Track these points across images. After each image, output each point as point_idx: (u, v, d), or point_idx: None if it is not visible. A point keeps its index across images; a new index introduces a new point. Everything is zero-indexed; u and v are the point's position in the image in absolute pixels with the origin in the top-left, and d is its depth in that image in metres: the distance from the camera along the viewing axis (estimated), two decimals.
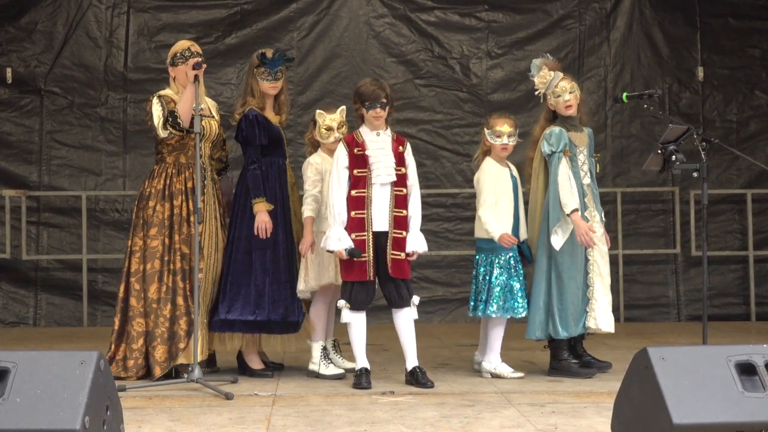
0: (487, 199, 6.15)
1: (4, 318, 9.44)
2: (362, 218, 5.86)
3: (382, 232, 5.87)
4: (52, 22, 9.67)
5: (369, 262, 5.84)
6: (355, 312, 5.89)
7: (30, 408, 3.30)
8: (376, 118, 5.92)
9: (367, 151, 5.90)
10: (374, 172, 5.88)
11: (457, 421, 4.81)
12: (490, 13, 9.97)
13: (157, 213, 6.15)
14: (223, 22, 9.79)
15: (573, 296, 6.14)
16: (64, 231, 9.61)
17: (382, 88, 5.96)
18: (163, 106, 6.11)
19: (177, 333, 6.04)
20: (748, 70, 10.02)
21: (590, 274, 6.21)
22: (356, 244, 5.81)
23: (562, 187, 6.08)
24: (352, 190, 5.88)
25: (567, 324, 6.14)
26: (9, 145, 9.58)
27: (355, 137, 5.97)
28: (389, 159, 5.91)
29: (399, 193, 5.93)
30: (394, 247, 5.88)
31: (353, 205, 5.87)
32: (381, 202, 5.89)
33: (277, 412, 5.08)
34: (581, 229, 6.02)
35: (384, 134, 5.98)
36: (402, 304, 5.91)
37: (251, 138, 6.20)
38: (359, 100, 5.96)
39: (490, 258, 6.18)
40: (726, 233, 9.93)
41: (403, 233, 5.91)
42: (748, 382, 3.57)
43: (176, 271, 6.10)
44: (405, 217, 5.94)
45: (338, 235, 5.82)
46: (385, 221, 5.88)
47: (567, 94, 6.24)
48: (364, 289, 5.88)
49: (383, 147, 5.93)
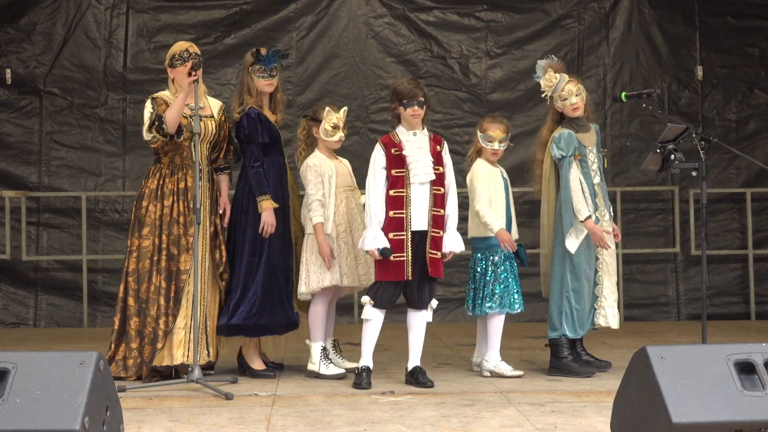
0: (482, 195, 6.18)
1: (4, 319, 9.44)
2: (401, 218, 5.85)
3: (421, 231, 5.88)
4: (51, 23, 9.67)
5: (407, 262, 5.83)
6: (377, 310, 5.90)
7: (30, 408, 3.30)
8: (413, 116, 5.90)
9: (405, 151, 5.89)
10: (412, 171, 5.87)
11: (456, 421, 4.81)
12: (489, 13, 9.97)
13: (150, 213, 6.15)
14: (222, 22, 9.79)
15: (588, 295, 6.19)
16: (64, 232, 9.61)
17: (419, 87, 5.97)
18: (154, 109, 6.11)
19: (156, 333, 6.04)
20: (747, 69, 10.02)
21: (599, 272, 6.26)
22: (393, 243, 5.80)
23: (574, 193, 6.12)
24: (391, 189, 5.87)
25: (583, 323, 6.19)
26: (8, 146, 9.58)
27: (391, 137, 5.96)
28: (427, 158, 5.91)
29: (437, 192, 5.94)
30: (432, 246, 5.88)
31: (392, 204, 5.86)
32: (420, 202, 5.88)
33: (277, 412, 5.08)
34: (597, 235, 6.08)
35: (421, 134, 5.97)
36: (421, 307, 5.93)
37: (254, 136, 6.18)
38: (396, 99, 5.95)
39: (486, 255, 6.21)
40: (725, 232, 9.93)
41: (440, 233, 5.91)
42: (748, 381, 3.57)
43: (161, 271, 6.10)
44: (443, 216, 5.95)
45: (374, 235, 5.81)
46: (424, 220, 5.88)
47: (574, 96, 6.25)
48: (391, 289, 5.88)
49: (421, 147, 5.92)
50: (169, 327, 6.01)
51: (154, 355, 6.01)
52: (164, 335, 6.02)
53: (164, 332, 6.02)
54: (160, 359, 6.01)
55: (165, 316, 6.04)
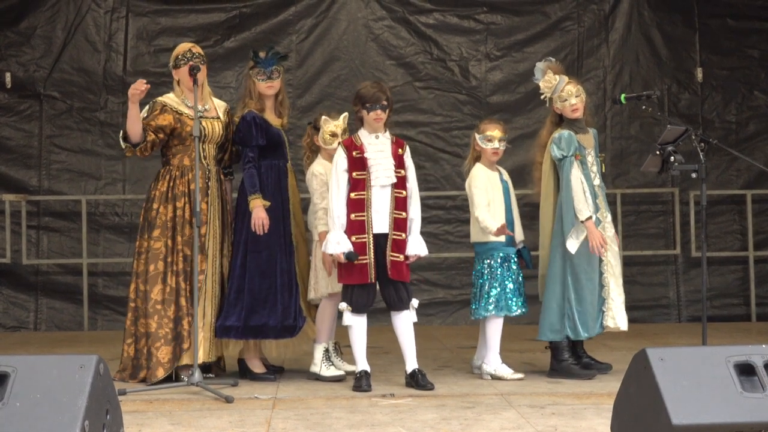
0: (480, 202, 6.18)
1: (4, 322, 9.44)
2: (362, 221, 5.86)
3: (382, 234, 5.88)
4: (51, 26, 9.67)
5: (370, 265, 5.84)
6: (357, 315, 5.90)
7: (29, 412, 3.30)
8: (376, 120, 5.92)
9: (366, 154, 5.90)
10: (373, 174, 5.88)
11: (457, 423, 4.81)
12: (488, 15, 9.97)
13: (160, 215, 6.18)
14: (222, 25, 9.79)
15: (591, 297, 6.18)
16: (64, 235, 9.61)
17: (382, 90, 5.97)
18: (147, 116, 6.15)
19: (181, 334, 6.06)
20: (746, 71, 10.02)
21: (605, 275, 6.25)
22: (356, 246, 5.82)
23: (576, 193, 6.11)
24: (352, 192, 5.89)
25: (587, 325, 6.17)
26: (8, 150, 9.59)
27: (353, 140, 5.97)
28: (388, 161, 5.92)
29: (399, 195, 5.94)
30: (393, 249, 5.88)
31: (353, 207, 5.87)
32: (381, 205, 5.89)
33: (277, 415, 5.08)
34: (595, 238, 6.06)
35: (383, 137, 5.98)
36: (401, 307, 5.91)
37: (248, 139, 6.18)
38: (359, 102, 5.97)
39: (486, 259, 6.21)
40: (726, 234, 9.93)
41: (402, 235, 5.91)
42: (748, 383, 3.56)
43: (179, 272, 6.13)
44: (405, 219, 5.94)
45: (337, 239, 5.82)
46: (385, 223, 5.89)
47: (573, 97, 6.25)
48: (364, 292, 5.89)
49: (382, 149, 5.93)
50: (192, 326, 6.02)
51: (179, 355, 6.02)
52: (188, 335, 6.03)
53: (188, 332, 6.03)
54: (188, 358, 6.02)
55: (188, 316, 6.06)
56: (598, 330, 6.26)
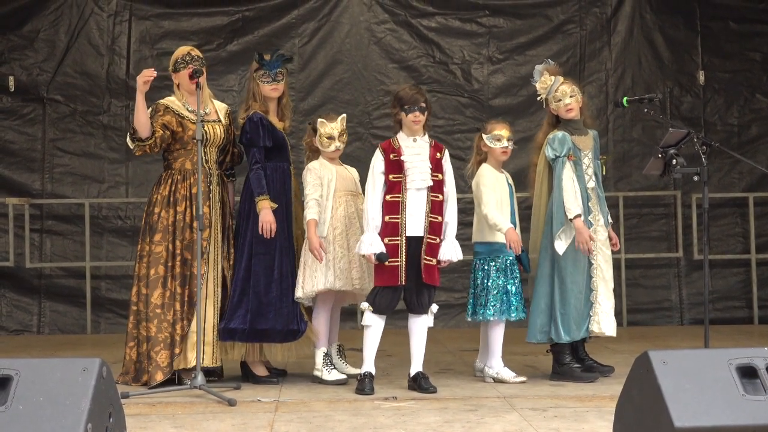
0: (489, 200, 6.17)
1: (8, 326, 9.45)
2: (396, 223, 5.86)
3: (416, 237, 5.88)
4: (54, 30, 9.69)
5: (400, 268, 5.84)
6: (377, 315, 5.90)
7: (33, 415, 3.30)
8: (414, 122, 5.92)
9: (403, 157, 5.91)
10: (409, 177, 5.88)
11: (459, 426, 4.82)
12: (491, 19, 9.98)
13: (162, 219, 6.18)
14: (225, 29, 9.81)
15: (576, 300, 6.16)
16: (67, 239, 9.63)
17: (421, 92, 6.00)
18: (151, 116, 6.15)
19: (174, 338, 6.06)
20: (748, 74, 10.02)
21: (594, 278, 6.22)
22: (388, 248, 5.82)
23: (566, 192, 6.10)
24: (387, 195, 5.89)
25: (569, 328, 6.15)
26: (12, 153, 9.61)
27: (391, 143, 5.98)
28: (425, 164, 5.92)
29: (435, 199, 5.94)
30: (427, 252, 5.88)
31: (387, 209, 5.88)
32: (416, 208, 5.89)
33: (280, 418, 5.08)
34: (582, 236, 6.04)
35: (421, 140, 5.98)
36: (421, 311, 5.94)
37: (255, 140, 6.19)
38: (398, 104, 5.97)
39: (488, 261, 6.21)
40: (728, 237, 9.93)
41: (437, 239, 5.91)
42: (750, 386, 3.57)
43: (176, 276, 6.13)
44: (440, 223, 5.95)
45: (370, 240, 5.83)
46: (420, 226, 5.89)
47: (567, 97, 6.25)
48: (389, 294, 5.89)
49: (419, 153, 5.94)
50: (185, 331, 6.04)
51: (172, 359, 6.03)
52: (181, 340, 6.04)
53: (181, 337, 6.04)
54: (177, 363, 6.03)
55: (181, 320, 6.07)
56: (583, 334, 6.23)
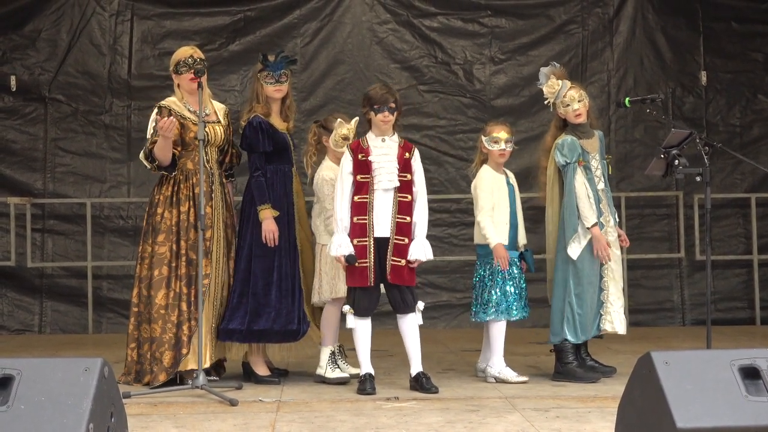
0: (485, 206, 6.18)
1: (9, 325, 9.45)
2: (364, 224, 5.87)
3: (384, 238, 5.88)
4: (56, 29, 9.69)
5: (369, 268, 5.84)
6: (360, 318, 5.90)
7: (34, 415, 3.30)
8: (384, 122, 5.92)
9: (371, 157, 5.90)
10: (376, 177, 5.88)
11: (461, 426, 4.81)
12: (493, 19, 9.97)
13: (165, 219, 6.18)
14: (227, 29, 9.80)
15: (591, 301, 6.19)
16: (69, 238, 9.63)
17: (391, 92, 5.98)
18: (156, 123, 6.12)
19: (181, 339, 6.06)
20: (751, 74, 10.01)
21: (605, 278, 6.26)
22: (357, 249, 5.82)
23: (581, 200, 6.13)
24: (355, 195, 5.89)
25: (585, 328, 6.19)
26: (13, 153, 9.61)
27: (360, 143, 5.98)
28: (392, 165, 5.91)
29: (403, 199, 5.93)
30: (394, 253, 5.87)
31: (356, 210, 5.88)
32: (383, 208, 5.89)
33: (282, 418, 5.08)
34: (600, 244, 6.08)
35: (390, 140, 5.98)
36: (406, 310, 5.91)
37: (255, 145, 6.19)
38: (368, 104, 5.97)
39: (489, 262, 6.21)
40: (730, 237, 9.92)
41: (405, 240, 5.90)
42: (752, 387, 3.56)
43: (181, 277, 6.13)
44: (409, 223, 5.93)
45: (339, 242, 5.83)
46: (387, 227, 5.88)
47: (576, 103, 6.26)
48: (367, 296, 5.89)
49: (387, 153, 5.93)
50: (193, 332, 6.03)
51: (179, 360, 6.02)
52: (188, 340, 6.03)
53: (188, 337, 6.04)
54: (185, 364, 6.02)
55: (188, 321, 6.06)
56: (594, 332, 6.25)
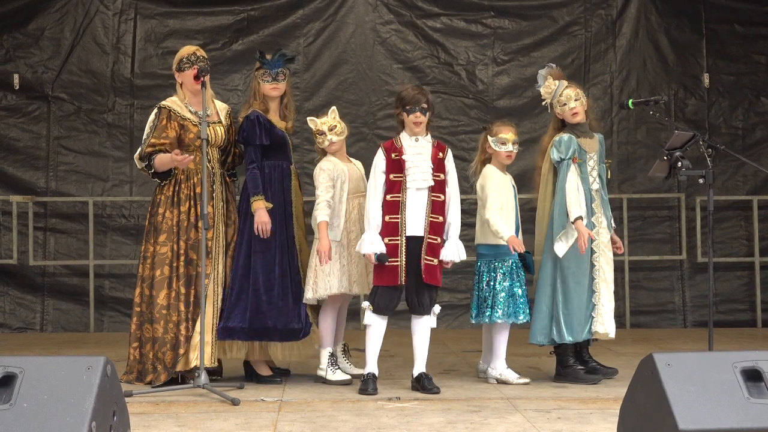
0: (494, 203, 6.16)
1: (11, 323, 9.46)
2: (396, 222, 5.86)
3: (417, 237, 5.87)
4: (59, 28, 9.70)
5: (400, 267, 5.84)
6: (378, 315, 5.90)
7: (37, 413, 3.31)
8: (416, 123, 5.92)
9: (404, 156, 5.90)
10: (409, 176, 5.88)
11: (462, 427, 4.81)
12: (496, 20, 9.98)
13: (167, 219, 6.18)
14: (230, 28, 9.81)
15: (579, 301, 6.16)
16: (71, 237, 9.64)
17: (423, 93, 6.00)
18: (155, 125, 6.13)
19: (178, 338, 6.06)
20: (753, 77, 10.01)
21: (596, 280, 6.23)
22: (388, 248, 5.82)
23: (568, 194, 6.10)
24: (388, 194, 5.89)
25: (572, 329, 6.15)
26: (16, 151, 9.61)
27: (393, 143, 5.99)
28: (426, 164, 5.92)
29: (436, 199, 5.93)
30: (428, 252, 5.87)
31: (388, 209, 5.88)
32: (416, 207, 5.88)
33: (284, 418, 5.08)
34: (583, 237, 6.03)
35: (423, 140, 5.98)
36: (423, 312, 5.93)
37: (251, 137, 6.17)
38: (400, 105, 5.99)
39: (493, 264, 6.20)
40: (732, 239, 9.92)
41: (438, 239, 5.90)
42: (754, 389, 3.56)
43: (180, 277, 6.12)
44: (442, 223, 5.94)
45: (371, 239, 5.83)
46: (420, 226, 5.88)
47: (572, 101, 6.25)
48: (389, 294, 5.89)
49: (421, 152, 5.94)
50: (190, 332, 6.04)
51: (176, 360, 6.02)
52: (186, 340, 6.04)
53: (185, 337, 6.04)
54: (183, 364, 6.02)
55: (186, 321, 6.07)
56: (585, 336, 6.23)
